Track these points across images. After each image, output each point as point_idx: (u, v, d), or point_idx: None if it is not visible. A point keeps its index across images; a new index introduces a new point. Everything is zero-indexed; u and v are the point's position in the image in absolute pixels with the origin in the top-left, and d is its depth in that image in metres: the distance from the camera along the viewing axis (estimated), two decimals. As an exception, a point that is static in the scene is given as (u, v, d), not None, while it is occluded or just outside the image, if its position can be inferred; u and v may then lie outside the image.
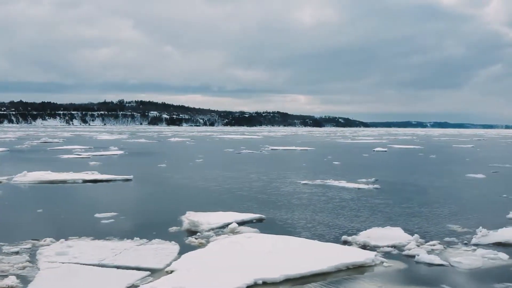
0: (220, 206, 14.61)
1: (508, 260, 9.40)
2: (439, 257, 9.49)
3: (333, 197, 17.64)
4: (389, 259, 9.45)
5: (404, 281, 8.21)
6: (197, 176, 24.13)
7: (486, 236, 11.29)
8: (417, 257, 9.46)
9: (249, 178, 23.55)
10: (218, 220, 12.32)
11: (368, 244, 10.42)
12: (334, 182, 21.71)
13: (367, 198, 17.41)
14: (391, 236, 11.07)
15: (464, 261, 9.18)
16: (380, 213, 14.46)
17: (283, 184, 21.26)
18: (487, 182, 23.00)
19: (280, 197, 17.44)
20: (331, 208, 15.29)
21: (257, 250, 9.38)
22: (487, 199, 17.60)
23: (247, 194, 18.31)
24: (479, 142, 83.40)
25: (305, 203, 16.21)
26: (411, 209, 15.19)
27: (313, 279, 8.19)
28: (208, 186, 20.43)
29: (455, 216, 14.15)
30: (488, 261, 9.34)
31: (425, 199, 17.38)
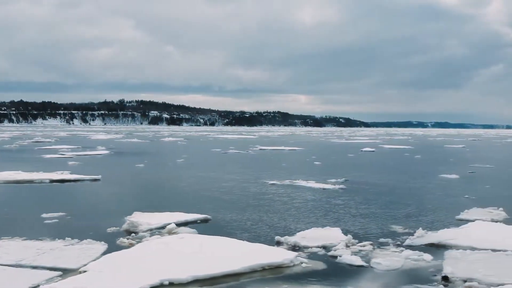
0: (172, 207, 14.63)
1: (430, 262, 9.39)
2: (362, 258, 9.50)
3: (293, 197, 17.65)
4: (311, 259, 9.48)
5: (315, 282, 8.23)
6: (168, 176, 24.18)
7: (422, 237, 11.30)
8: (339, 258, 9.48)
9: (220, 179, 23.57)
10: (159, 221, 12.35)
11: (298, 245, 10.43)
12: (302, 183, 21.73)
13: (326, 199, 17.42)
14: (326, 236, 11.09)
15: (384, 262, 9.18)
16: (331, 213, 14.47)
17: (251, 185, 21.27)
18: (457, 183, 22.96)
19: (240, 198, 17.46)
20: (283, 208, 15.30)
21: (180, 251, 9.41)
22: (447, 200, 17.56)
23: (208, 194, 18.34)
24: (472, 143, 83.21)
25: (261, 203, 16.22)
26: (365, 210, 15.18)
27: (223, 279, 8.21)
28: (173, 186, 20.48)
29: (406, 217, 14.15)
30: (410, 262, 9.34)
31: (385, 200, 17.38)
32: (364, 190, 20.00)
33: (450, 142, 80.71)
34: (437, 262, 9.35)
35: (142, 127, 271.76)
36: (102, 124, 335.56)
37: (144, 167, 28.94)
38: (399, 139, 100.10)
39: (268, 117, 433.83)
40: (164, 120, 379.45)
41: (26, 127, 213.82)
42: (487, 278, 8.30)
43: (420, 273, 8.75)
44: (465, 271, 8.69)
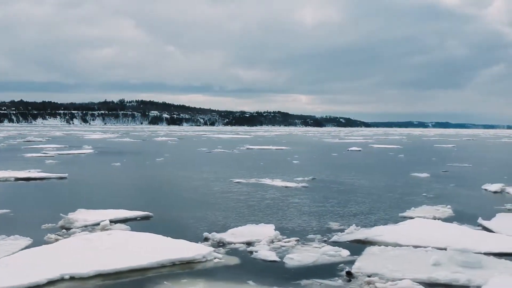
0: (120, 204, 14.72)
1: (345, 257, 9.48)
2: (278, 253, 9.60)
3: (249, 195, 17.74)
4: (228, 255, 9.57)
5: (220, 276, 8.32)
6: (135, 175, 24.31)
7: (351, 233, 11.39)
8: (255, 253, 9.58)
9: (189, 177, 23.68)
10: (98, 217, 12.45)
11: (223, 241, 10.52)
12: (268, 181, 21.82)
13: (282, 197, 17.49)
14: (255, 233, 11.19)
15: (297, 257, 9.28)
16: (278, 211, 14.56)
17: (215, 183, 21.37)
18: (423, 181, 23.01)
19: (194, 196, 17.58)
20: (231, 206, 15.40)
21: (97, 247, 9.50)
22: (404, 198, 17.60)
23: (163, 192, 18.55)
24: (465, 142, 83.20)
25: (211, 201, 16.32)
26: (315, 208, 15.26)
27: (128, 274, 8.31)
28: (133, 185, 20.63)
29: (352, 214, 14.23)
30: (324, 258, 9.43)
31: (341, 198, 17.45)
32: (327, 189, 20.07)
33: (443, 142, 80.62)
34: (352, 257, 9.43)
35: (141, 127, 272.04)
36: (102, 124, 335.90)
37: (119, 166, 29.06)
38: (393, 138, 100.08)
39: (268, 117, 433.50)
40: (164, 120, 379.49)
41: (25, 127, 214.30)
42: (390, 273, 8.38)
43: (328, 268, 8.83)
44: (373, 266, 8.76)
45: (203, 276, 8.31)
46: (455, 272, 8.39)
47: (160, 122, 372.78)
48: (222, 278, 8.23)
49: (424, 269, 8.57)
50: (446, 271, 8.39)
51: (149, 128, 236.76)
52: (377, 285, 7.80)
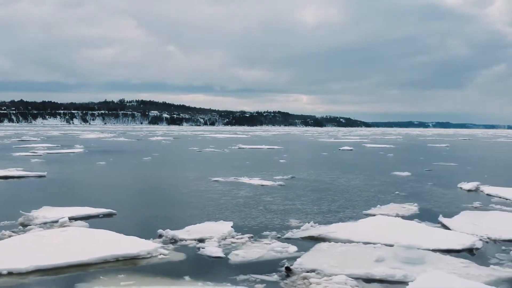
0: (87, 201, 14.78)
1: (292, 253, 9.54)
2: (224, 250, 9.67)
3: (221, 193, 17.82)
4: (176, 251, 9.65)
5: (160, 271, 8.38)
6: (115, 174, 24.39)
7: (306, 230, 11.46)
8: (202, 249, 9.65)
9: (167, 176, 23.79)
10: (59, 214, 12.51)
11: (175, 238, 10.58)
12: (245, 179, 21.88)
13: (255, 195, 17.54)
14: (211, 230, 11.25)
15: (242, 254, 9.35)
16: (245, 208, 14.63)
17: (193, 182, 21.46)
18: (401, 180, 23.07)
19: (165, 194, 17.73)
20: (198, 204, 15.49)
21: (46, 243, 9.57)
22: (375, 196, 17.62)
23: (138, 190, 18.57)
24: (459, 142, 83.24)
25: (181, 199, 16.45)
26: (282, 206, 15.31)
27: (68, 269, 8.37)
28: (107, 183, 20.75)
29: (317, 212, 14.28)
30: (269, 254, 9.49)
31: (314, 196, 17.50)
32: (302, 187, 20.11)
33: (437, 142, 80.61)
34: (298, 254, 9.48)
35: (140, 127, 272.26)
36: (102, 124, 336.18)
37: (103, 165, 29.15)
38: (389, 138, 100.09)
39: (269, 117, 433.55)
40: (164, 120, 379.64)
41: (25, 126, 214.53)
42: (330, 269, 8.43)
43: (270, 264, 8.87)
44: (315, 262, 8.81)
45: (142, 271, 8.38)
46: (393, 268, 8.44)
47: (160, 122, 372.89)
48: (160, 273, 8.29)
49: (364, 265, 8.62)
50: (384, 267, 8.44)
51: (148, 128, 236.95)
52: (311, 281, 7.86)
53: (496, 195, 17.66)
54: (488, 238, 11.06)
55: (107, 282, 7.72)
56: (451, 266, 8.72)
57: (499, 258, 9.46)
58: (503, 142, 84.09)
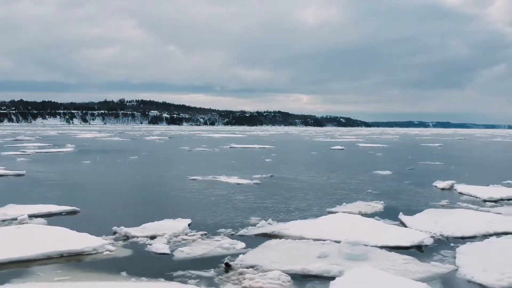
0: (55, 199, 14.90)
1: (238, 250, 9.61)
2: (171, 247, 9.74)
3: (194, 192, 17.94)
4: (123, 248, 9.72)
5: (100, 267, 8.45)
6: (93, 173, 24.49)
7: (261, 227, 11.56)
8: (149, 246, 9.72)
9: (146, 174, 23.90)
10: (21, 212, 12.59)
11: (128, 235, 10.66)
12: (223, 178, 21.97)
13: (226, 194, 17.58)
14: (166, 227, 11.34)
15: (187, 250, 9.44)
16: (212, 207, 14.70)
17: (169, 180, 21.61)
18: (380, 178, 23.13)
19: (137, 192, 17.78)
20: (165, 202, 15.65)
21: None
22: (347, 194, 17.66)
23: (110, 188, 18.65)
24: (454, 142, 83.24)
25: (149, 197, 16.60)
26: (251, 204, 15.37)
27: (9, 265, 8.45)
28: (81, 181, 20.82)
29: (282, 211, 14.33)
30: (215, 250, 9.57)
31: (287, 194, 17.57)
32: (277, 185, 20.17)
33: (432, 141, 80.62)
34: (245, 250, 9.56)
35: (140, 126, 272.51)
36: (102, 123, 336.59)
37: (87, 164, 29.26)
38: (385, 138, 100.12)
39: (269, 116, 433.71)
40: (164, 120, 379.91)
41: (24, 126, 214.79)
42: (269, 265, 8.50)
43: (212, 260, 8.94)
44: (258, 258, 8.88)
45: (81, 267, 8.46)
46: (333, 264, 8.51)
47: (160, 122, 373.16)
48: (100, 269, 8.36)
49: (304, 261, 8.68)
50: (322, 263, 8.51)
51: (148, 127, 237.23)
52: (246, 276, 7.92)
53: (467, 194, 17.71)
54: (441, 235, 11.12)
55: (42, 278, 7.80)
56: (391, 262, 8.78)
57: (444, 255, 9.51)
58: (498, 142, 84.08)
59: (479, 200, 16.57)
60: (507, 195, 16.93)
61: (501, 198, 16.60)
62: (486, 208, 14.87)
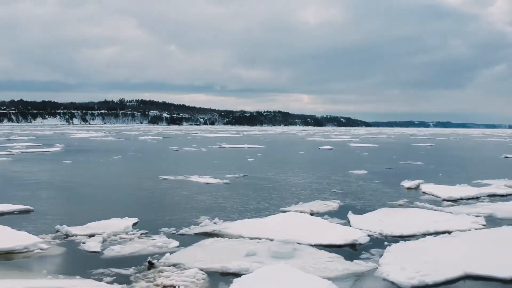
0: (11, 198, 15.03)
1: (170, 248, 9.71)
2: (105, 245, 9.89)
3: (159, 191, 18.14)
4: (57, 246, 9.84)
5: (25, 265, 8.57)
6: (68, 173, 24.57)
7: (204, 226, 11.69)
8: (82, 244, 9.85)
9: (118, 174, 24.04)
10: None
11: (69, 233, 10.77)
12: (195, 178, 22.11)
13: (191, 193, 17.71)
14: (110, 226, 11.46)
15: (118, 249, 9.56)
16: (169, 206, 14.91)
17: (140, 180, 21.72)
18: (352, 178, 23.21)
19: (100, 192, 17.93)
20: (123, 202, 15.76)
21: None
22: (311, 193, 17.70)
23: (72, 188, 18.78)
24: (447, 142, 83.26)
25: (108, 197, 16.78)
26: (209, 204, 15.46)
27: None
28: (46, 180, 20.89)
29: (240, 208, 14.48)
30: (147, 249, 9.69)
31: (252, 194, 17.70)
32: (246, 185, 20.29)
33: (425, 141, 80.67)
34: (176, 249, 9.69)
35: (139, 126, 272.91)
36: (102, 123, 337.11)
37: (66, 164, 29.41)
38: (380, 138, 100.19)
39: (269, 116, 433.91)
40: (164, 120, 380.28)
41: (22, 126, 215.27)
42: (192, 263, 8.61)
43: (139, 258, 9.03)
44: (184, 257, 9.00)
45: (6, 265, 8.56)
46: (255, 262, 8.60)
47: (160, 122, 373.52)
48: (25, 267, 8.48)
49: (228, 259, 8.77)
50: (245, 261, 8.61)
51: (147, 127, 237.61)
52: (163, 274, 8.03)
53: (430, 193, 17.80)
54: (380, 234, 11.22)
55: (-40, 275, 7.90)
56: (315, 260, 8.88)
57: (372, 253, 9.61)
58: (491, 142, 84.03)
59: (439, 199, 16.66)
60: (466, 195, 17.01)
61: (461, 198, 16.68)
62: (441, 207, 14.95)
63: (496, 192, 17.94)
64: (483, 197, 17.07)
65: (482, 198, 16.90)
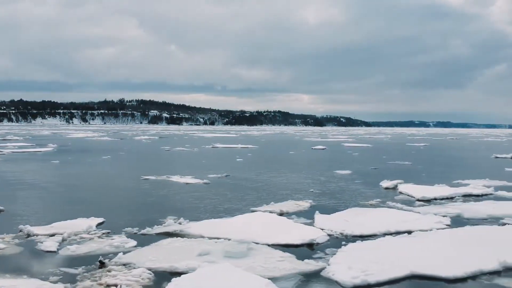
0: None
1: (126, 248, 9.78)
2: (62, 244, 9.98)
3: (136, 191, 18.30)
4: (15, 246, 9.93)
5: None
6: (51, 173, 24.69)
7: (166, 226, 11.80)
8: (39, 244, 9.93)
9: (102, 174, 24.16)
10: None
11: (31, 233, 10.85)
12: (176, 178, 22.20)
13: (167, 193, 17.81)
14: (73, 226, 11.55)
15: (74, 248, 9.65)
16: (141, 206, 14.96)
17: (121, 180, 21.96)
18: (335, 178, 23.28)
19: (78, 192, 18.00)
20: (95, 202, 15.82)
21: None
22: (288, 193, 17.72)
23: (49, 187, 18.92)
24: (443, 141, 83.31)
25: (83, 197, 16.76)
26: (182, 204, 15.60)
27: None
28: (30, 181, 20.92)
29: (211, 208, 14.54)
30: (104, 248, 9.75)
31: (229, 194, 17.65)
32: (226, 185, 20.35)
33: (422, 141, 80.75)
34: (133, 248, 9.77)
35: (138, 126, 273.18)
36: (102, 123, 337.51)
37: (54, 164, 29.57)
38: (376, 138, 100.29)
39: (269, 116, 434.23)
40: (164, 120, 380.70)
41: (21, 126, 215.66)
42: (143, 263, 8.69)
43: (92, 258, 9.11)
44: (137, 257, 9.08)
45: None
46: (205, 261, 8.67)
47: (160, 122, 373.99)
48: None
49: (179, 259, 8.85)
50: (195, 261, 8.69)
51: (146, 127, 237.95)
52: (110, 274, 8.10)
53: (405, 193, 17.88)
54: (340, 233, 11.30)
55: None
56: (267, 259, 8.94)
57: (326, 253, 9.67)
58: (486, 142, 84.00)
59: (413, 199, 16.73)
60: (441, 195, 17.08)
61: (434, 198, 16.74)
62: (412, 207, 15.00)
63: (471, 192, 18.00)
64: (457, 197, 17.13)
65: (456, 198, 16.95)
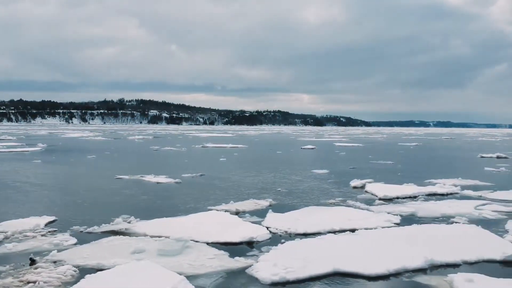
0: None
1: (65, 246, 9.93)
2: (22, 245, 10.07)
3: (104, 191, 18.41)
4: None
5: None
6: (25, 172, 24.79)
7: (114, 225, 11.86)
8: None
9: (77, 173, 24.28)
10: None
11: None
12: (149, 177, 22.35)
13: (134, 193, 17.90)
14: (21, 224, 11.69)
15: (11, 246, 9.77)
16: (98, 205, 15.06)
17: (93, 179, 22.06)
18: (309, 177, 23.36)
19: (42, 191, 18.11)
20: (55, 201, 15.93)
21: None
22: (254, 192, 17.82)
23: (18, 187, 18.98)
24: (435, 141, 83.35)
25: (46, 196, 16.88)
26: (139, 203, 15.70)
27: None
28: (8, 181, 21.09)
29: (168, 207, 14.68)
30: (42, 246, 9.90)
31: (197, 194, 17.63)
32: (196, 185, 20.43)
33: (414, 141, 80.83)
34: (71, 246, 9.90)
35: (137, 126, 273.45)
36: (102, 123, 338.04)
37: (35, 163, 29.74)
38: (371, 137, 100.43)
39: (269, 116, 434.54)
40: (163, 119, 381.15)
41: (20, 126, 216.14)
42: (74, 261, 8.82)
43: (26, 256, 9.22)
44: (72, 255, 9.21)
45: None
46: (136, 259, 8.79)
47: (160, 122, 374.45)
48: None
49: (109, 256, 8.97)
50: (123, 259, 8.81)
51: (146, 127, 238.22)
52: (36, 270, 8.22)
53: (370, 192, 17.99)
54: (284, 232, 11.43)
55: None
56: (198, 257, 9.07)
57: (262, 251, 9.78)
58: (481, 141, 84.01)
59: (375, 198, 16.84)
60: (404, 194, 17.19)
61: (397, 197, 16.86)
62: (369, 206, 15.09)
63: (436, 191, 18.11)
64: (420, 196, 17.23)
65: (418, 197, 17.06)
